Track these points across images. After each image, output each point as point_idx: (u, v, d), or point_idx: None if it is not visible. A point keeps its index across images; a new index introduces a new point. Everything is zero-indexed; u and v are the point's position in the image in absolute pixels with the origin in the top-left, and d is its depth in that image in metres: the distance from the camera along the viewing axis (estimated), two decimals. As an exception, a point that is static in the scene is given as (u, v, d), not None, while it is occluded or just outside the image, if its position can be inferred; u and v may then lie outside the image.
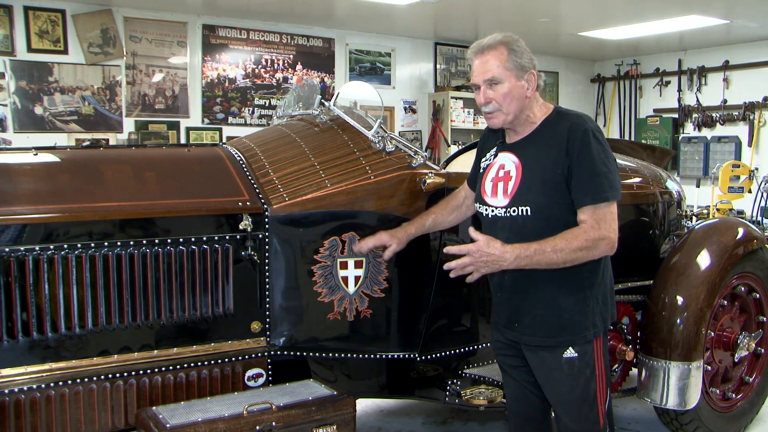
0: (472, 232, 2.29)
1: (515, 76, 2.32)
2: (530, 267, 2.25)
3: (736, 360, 3.51)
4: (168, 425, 2.28)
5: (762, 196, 8.17)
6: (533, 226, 2.30)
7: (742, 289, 3.53)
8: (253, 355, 2.70)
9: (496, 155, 2.48)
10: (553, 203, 2.29)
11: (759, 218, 8.00)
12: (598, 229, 2.23)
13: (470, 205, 2.74)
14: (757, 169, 8.51)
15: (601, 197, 2.24)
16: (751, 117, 8.73)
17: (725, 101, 8.95)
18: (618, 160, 2.48)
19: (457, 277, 2.35)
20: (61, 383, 2.39)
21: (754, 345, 3.55)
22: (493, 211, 2.41)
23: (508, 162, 2.41)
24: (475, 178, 2.65)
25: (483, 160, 2.56)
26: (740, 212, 7.83)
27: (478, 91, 2.38)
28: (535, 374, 2.47)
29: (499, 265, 2.25)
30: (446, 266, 2.33)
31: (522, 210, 2.32)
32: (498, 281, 2.46)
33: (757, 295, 3.60)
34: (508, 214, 2.35)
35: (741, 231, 3.47)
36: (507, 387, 2.66)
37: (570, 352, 2.34)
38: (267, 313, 2.73)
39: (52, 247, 2.38)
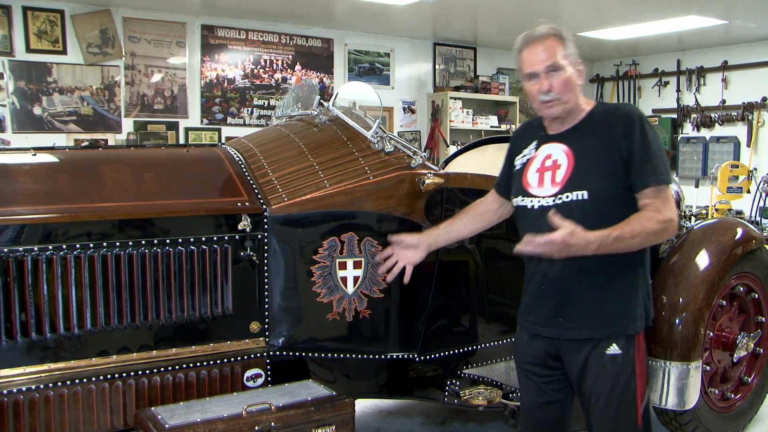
0: (553, 216, 2.17)
1: (571, 64, 2.33)
2: (604, 253, 2.20)
3: (735, 360, 3.51)
4: (167, 426, 2.28)
5: (761, 196, 8.18)
6: (590, 211, 2.25)
7: (741, 289, 3.53)
8: (252, 356, 2.70)
9: (537, 147, 2.44)
10: (610, 188, 2.27)
11: (758, 218, 8.01)
12: (665, 211, 2.23)
13: (495, 212, 2.70)
14: (755, 169, 8.52)
15: (663, 179, 2.26)
16: (750, 117, 8.74)
17: (724, 101, 8.96)
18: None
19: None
20: (59, 384, 2.39)
21: (753, 345, 3.54)
22: (539, 201, 2.36)
23: (556, 151, 2.37)
24: (505, 183, 2.60)
25: (519, 157, 2.51)
26: (739, 212, 7.84)
27: (534, 81, 2.34)
28: (571, 371, 2.39)
29: (575, 253, 2.16)
30: (517, 249, 2.21)
31: (577, 195, 2.28)
32: (543, 272, 2.38)
33: (756, 296, 3.60)
34: (561, 201, 2.30)
35: (740, 231, 3.47)
36: (525, 393, 2.56)
37: (614, 349, 2.31)
38: (266, 313, 2.73)
39: (50, 247, 2.38)
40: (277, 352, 2.75)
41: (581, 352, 2.34)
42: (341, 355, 2.86)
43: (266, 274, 2.72)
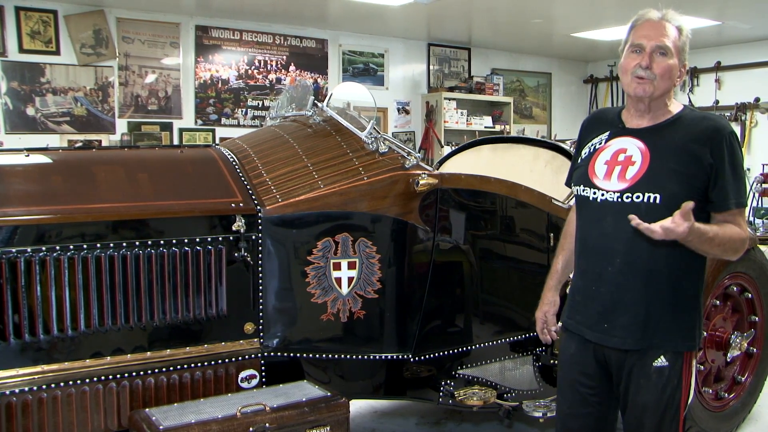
0: (635, 219, 2.02)
1: (679, 59, 2.22)
2: (688, 245, 2.07)
3: (728, 359, 3.52)
4: (161, 427, 2.27)
5: (754, 196, 8.22)
6: (660, 216, 2.04)
7: (735, 289, 3.54)
8: (247, 357, 2.70)
9: (609, 139, 2.30)
10: (685, 195, 2.09)
11: (751, 218, 8.05)
12: (744, 230, 2.17)
13: None
14: (749, 169, 8.56)
15: (743, 202, 2.19)
16: (743, 118, 8.77)
17: (717, 102, 8.99)
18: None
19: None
20: (53, 385, 2.38)
21: (746, 344, 3.56)
22: (603, 195, 2.22)
23: (630, 146, 2.23)
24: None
25: (588, 145, 2.37)
26: (732, 212, 7.83)
27: (638, 54, 2.22)
28: (617, 378, 2.29)
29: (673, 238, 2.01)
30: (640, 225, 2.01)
31: (649, 197, 2.14)
32: (597, 272, 2.24)
33: (750, 295, 3.62)
34: (629, 200, 2.17)
35: (733, 231, 3.48)
36: (565, 401, 2.42)
37: (661, 361, 2.19)
38: (260, 314, 2.73)
39: (44, 248, 2.37)
40: (272, 353, 2.75)
41: (626, 361, 2.23)
42: (336, 356, 2.86)
43: (260, 274, 2.71)
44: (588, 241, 2.31)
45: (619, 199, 2.19)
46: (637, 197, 2.16)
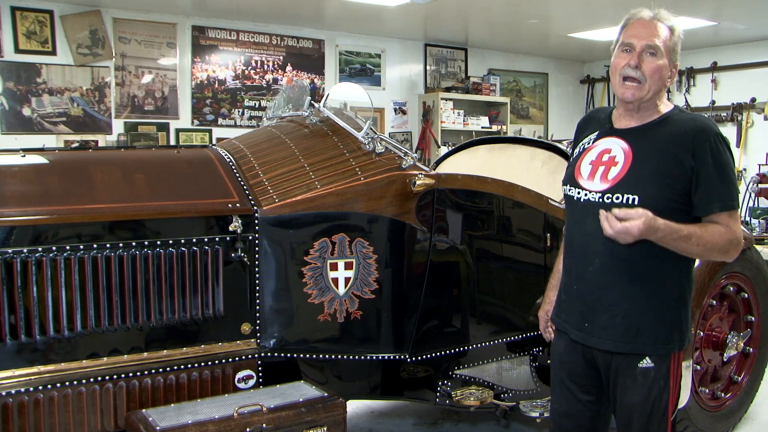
0: (605, 214, 2.05)
1: (669, 59, 2.21)
2: (660, 243, 2.06)
3: (725, 359, 3.53)
4: (158, 428, 2.27)
5: (750, 196, 8.25)
6: None
7: (731, 288, 3.55)
8: (244, 357, 2.69)
9: (597, 139, 2.30)
10: (664, 197, 2.11)
11: (747, 218, 8.07)
12: (735, 231, 2.12)
13: None
14: (745, 169, 8.59)
15: (732, 205, 2.14)
16: (739, 118, 8.79)
17: (714, 102, 9.01)
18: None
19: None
20: (49, 386, 2.38)
21: (742, 344, 3.57)
22: (586, 195, 2.23)
23: (615, 147, 2.23)
24: None
25: (579, 145, 2.38)
26: (729, 212, 7.85)
27: (627, 54, 2.21)
28: (604, 379, 2.28)
29: (639, 237, 2.02)
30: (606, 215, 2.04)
31: (628, 198, 2.13)
32: (580, 271, 2.26)
33: (746, 295, 3.63)
34: (610, 201, 2.16)
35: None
36: (557, 400, 2.42)
37: (646, 362, 2.18)
38: (257, 314, 2.73)
39: (40, 249, 2.37)
40: (269, 354, 2.74)
41: (612, 362, 2.23)
42: (333, 356, 2.85)
43: (257, 275, 2.71)
44: (572, 241, 2.31)
45: (600, 200, 2.19)
46: (617, 198, 2.16)
